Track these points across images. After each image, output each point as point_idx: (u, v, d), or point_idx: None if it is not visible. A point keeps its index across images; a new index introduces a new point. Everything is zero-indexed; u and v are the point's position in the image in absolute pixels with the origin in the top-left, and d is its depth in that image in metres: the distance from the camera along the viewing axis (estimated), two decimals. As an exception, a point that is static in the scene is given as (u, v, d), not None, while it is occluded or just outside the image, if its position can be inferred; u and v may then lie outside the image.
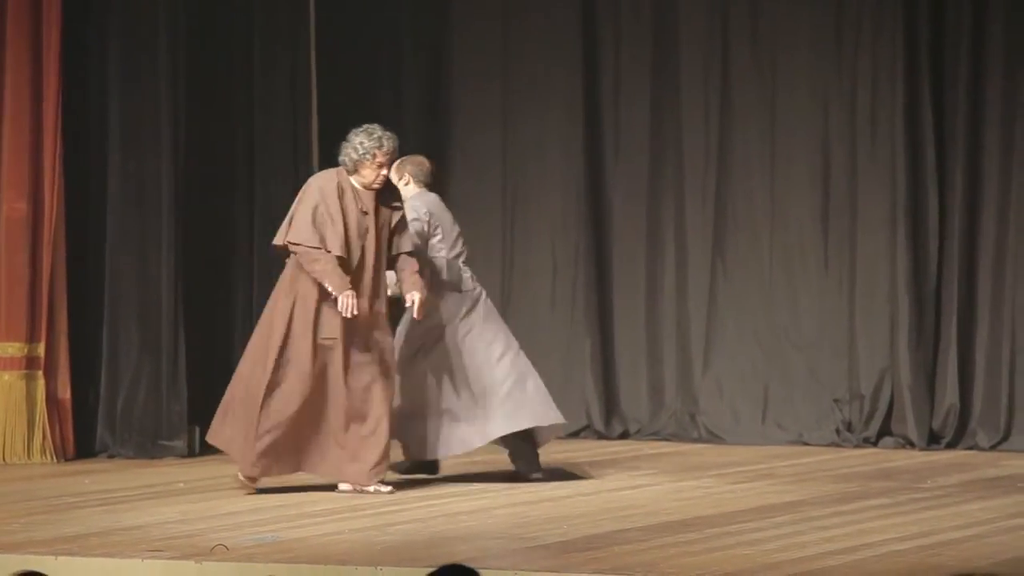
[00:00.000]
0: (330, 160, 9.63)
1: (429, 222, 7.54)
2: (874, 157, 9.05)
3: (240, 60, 9.17)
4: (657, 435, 9.32)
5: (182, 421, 8.77)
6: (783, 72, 9.22)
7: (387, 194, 7.37)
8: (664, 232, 9.46)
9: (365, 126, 7.36)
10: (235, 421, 7.27)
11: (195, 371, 8.87)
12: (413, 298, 7.25)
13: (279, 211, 9.26)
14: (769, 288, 9.30)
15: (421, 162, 7.74)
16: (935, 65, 8.90)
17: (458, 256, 7.63)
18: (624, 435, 9.48)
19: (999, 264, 8.86)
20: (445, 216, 7.66)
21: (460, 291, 7.58)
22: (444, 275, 7.56)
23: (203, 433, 8.89)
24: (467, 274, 7.64)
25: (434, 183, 7.78)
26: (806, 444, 9.00)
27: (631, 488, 7.33)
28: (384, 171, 7.31)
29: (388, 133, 7.35)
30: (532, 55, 9.66)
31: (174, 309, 8.79)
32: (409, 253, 7.36)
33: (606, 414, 9.50)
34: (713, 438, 9.22)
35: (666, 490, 7.31)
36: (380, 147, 7.28)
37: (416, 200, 7.59)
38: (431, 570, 3.06)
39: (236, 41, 9.18)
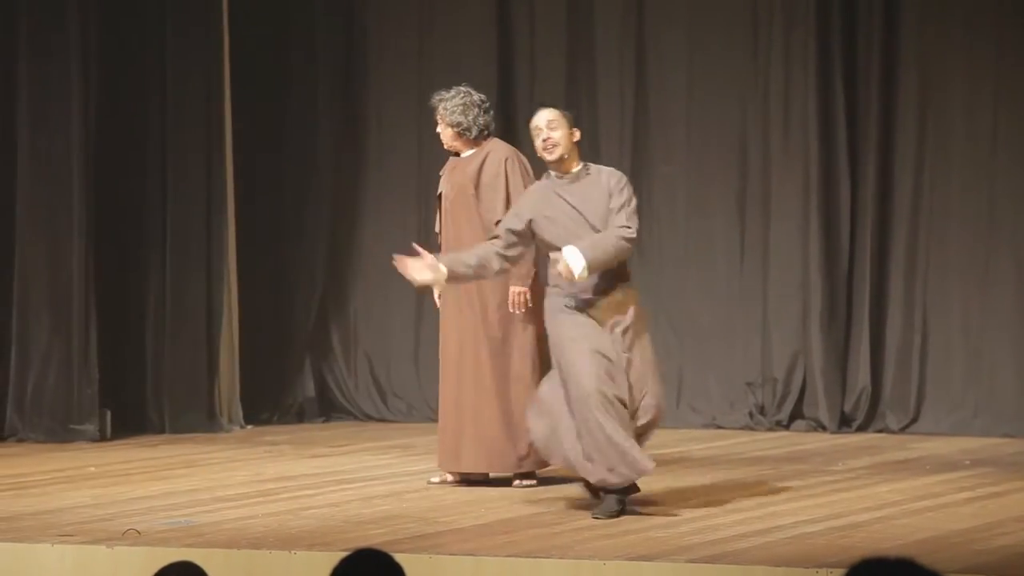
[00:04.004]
0: (243, 142, 9.60)
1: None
2: (788, 143, 9.13)
3: (152, 36, 9.07)
4: (572, 419, 9.35)
5: (93, 404, 8.67)
6: (699, 59, 9.27)
7: (479, 158, 6.90)
8: (580, 216, 9.48)
9: None
10: None
11: (107, 354, 8.78)
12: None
13: (192, 190, 9.21)
14: (684, 272, 9.35)
15: None
16: (847, 53, 8.99)
17: None
18: (539, 419, 9.48)
19: (911, 249, 8.98)
20: None
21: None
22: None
23: (114, 417, 8.83)
24: None
25: None
26: (719, 427, 9.08)
27: (547, 471, 7.34)
28: (438, 129, 6.99)
29: (443, 93, 6.94)
30: (447, 38, 9.65)
31: (85, 291, 8.69)
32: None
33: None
34: (627, 421, 9.25)
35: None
36: (431, 105, 6.98)
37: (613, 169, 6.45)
38: (345, 554, 3.05)
39: (148, 17, 9.07)
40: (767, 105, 9.15)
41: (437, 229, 7.11)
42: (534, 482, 6.93)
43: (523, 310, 6.84)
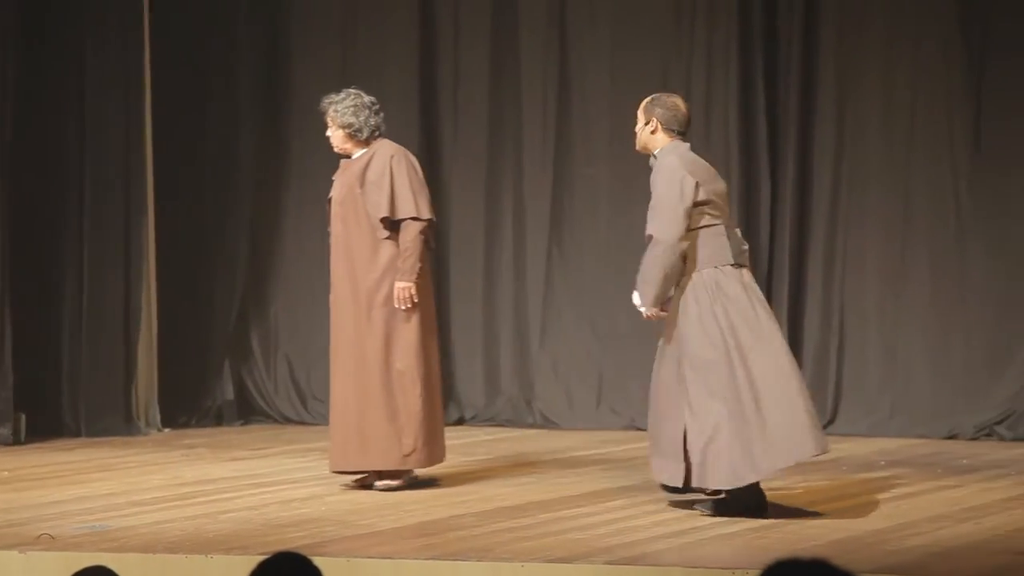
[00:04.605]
0: (163, 143, 9.52)
1: (683, 187, 6.08)
2: (709, 144, 9.18)
3: (72, 39, 8.98)
4: (493, 420, 9.36)
5: (8, 408, 8.57)
6: (621, 60, 9.32)
7: (366, 158, 6.89)
8: (502, 215, 9.50)
9: None
10: None
11: (22, 356, 8.68)
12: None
13: (109, 196, 9.12)
14: (604, 274, 9.39)
15: (675, 105, 6.31)
16: (769, 53, 9.07)
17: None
18: (460, 421, 9.50)
19: (829, 252, 9.07)
20: (707, 174, 6.24)
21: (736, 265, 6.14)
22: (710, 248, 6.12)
23: (29, 420, 8.72)
24: (745, 246, 6.26)
25: (689, 132, 6.32)
26: (639, 429, 9.10)
27: (466, 474, 7.34)
28: (328, 132, 6.97)
29: (333, 96, 6.92)
30: (370, 43, 9.63)
31: (0, 292, 8.58)
32: (389, 221, 6.76)
33: (442, 400, 9.50)
34: (548, 423, 9.29)
35: (501, 476, 7.34)
36: (321, 108, 6.96)
37: (668, 157, 6.20)
38: (263, 557, 3.03)
39: (67, 21, 8.97)
40: (689, 105, 9.19)
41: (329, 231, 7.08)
42: (399, 482, 6.87)
43: (408, 306, 6.83)
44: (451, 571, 5.29)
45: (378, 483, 6.87)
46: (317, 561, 3.06)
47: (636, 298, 6.31)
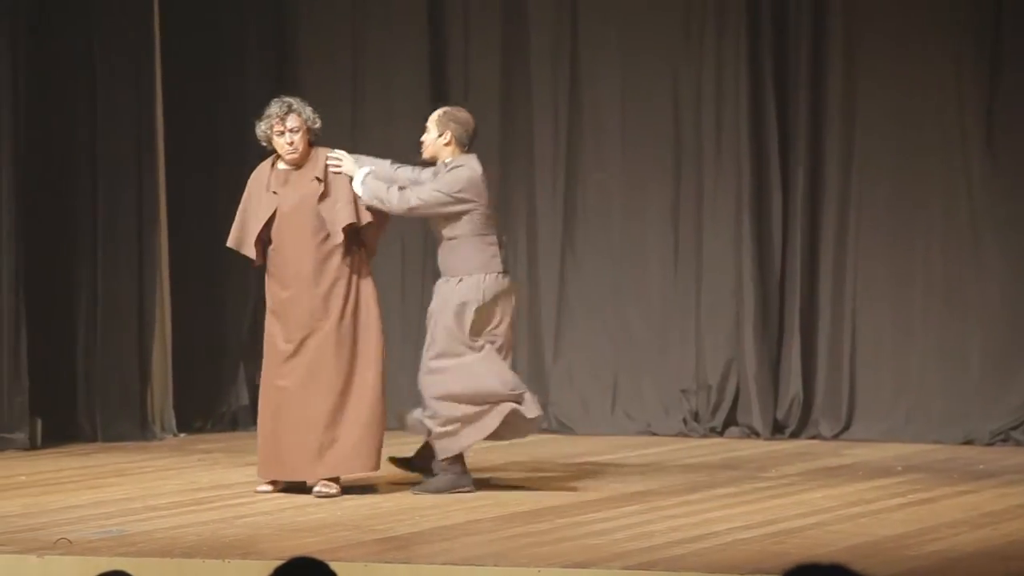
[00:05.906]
0: (175, 149, 9.53)
1: (458, 197, 6.74)
2: (720, 150, 9.19)
3: (82, 45, 8.99)
4: (508, 426, 9.35)
5: (24, 413, 8.58)
6: (631, 70, 9.31)
7: (315, 165, 6.85)
8: (515, 221, 9.49)
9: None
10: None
11: (38, 362, 8.69)
12: None
13: (123, 195, 9.13)
14: (618, 279, 9.38)
15: (468, 120, 6.88)
16: (778, 63, 9.06)
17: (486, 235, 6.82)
18: (475, 426, 9.48)
19: (840, 258, 9.05)
20: (489, 186, 6.86)
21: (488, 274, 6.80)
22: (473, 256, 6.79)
23: (45, 425, 8.73)
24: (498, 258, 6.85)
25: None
26: (654, 434, 9.11)
27: (482, 479, 7.34)
28: (291, 139, 6.86)
29: (290, 99, 6.93)
30: (379, 43, 9.64)
31: (15, 300, 8.61)
32: (357, 227, 6.79)
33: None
34: (563, 428, 9.28)
35: (517, 481, 7.34)
36: (278, 111, 6.85)
37: (462, 169, 6.78)
38: (280, 563, 3.03)
39: (77, 25, 8.98)
40: (699, 112, 9.20)
41: (266, 245, 6.99)
42: (337, 489, 6.84)
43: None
44: (468, 576, 5.29)
45: (316, 489, 6.80)
46: (334, 566, 3.07)
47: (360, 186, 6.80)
